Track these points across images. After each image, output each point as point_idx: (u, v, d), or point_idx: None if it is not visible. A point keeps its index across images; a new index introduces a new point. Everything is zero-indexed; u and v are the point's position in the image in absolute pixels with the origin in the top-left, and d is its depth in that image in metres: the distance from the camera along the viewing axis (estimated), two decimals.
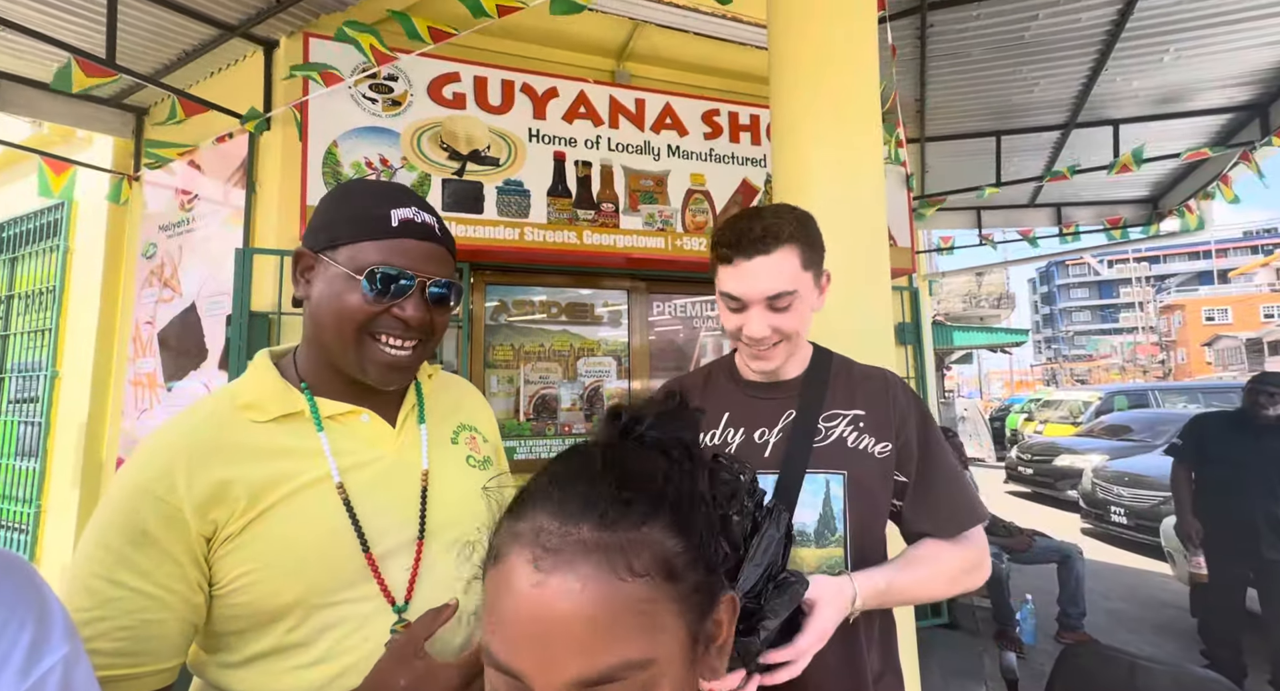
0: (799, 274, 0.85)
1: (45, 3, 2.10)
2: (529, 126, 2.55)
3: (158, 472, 0.64)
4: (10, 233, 3.48)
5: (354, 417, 0.74)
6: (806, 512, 0.86)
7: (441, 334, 0.79)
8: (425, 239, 0.73)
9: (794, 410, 0.91)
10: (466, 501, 0.77)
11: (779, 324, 0.86)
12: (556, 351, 2.80)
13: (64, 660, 0.43)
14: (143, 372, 2.64)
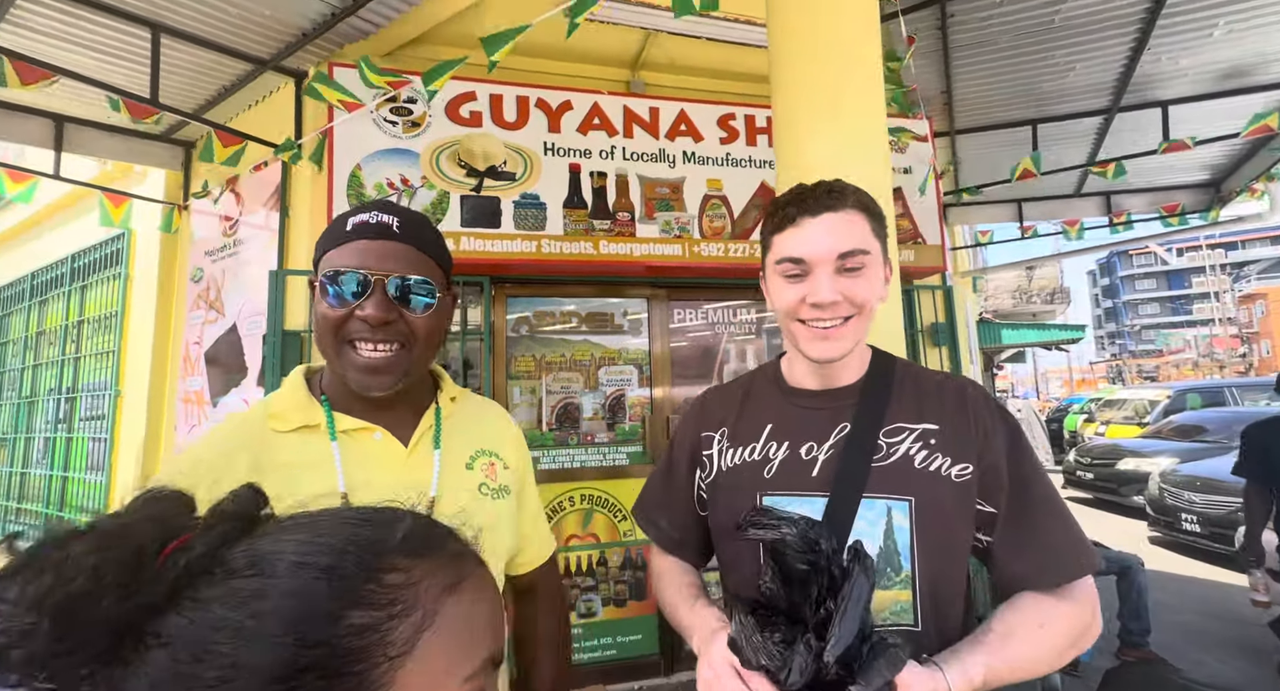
0: (870, 238, 0.75)
1: (97, 49, 2.27)
2: (544, 140, 2.59)
3: (187, 475, 0.67)
4: (81, 262, 3.77)
5: (367, 434, 0.75)
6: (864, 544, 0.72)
7: (429, 337, 0.75)
8: (379, 237, 0.72)
9: (848, 422, 0.77)
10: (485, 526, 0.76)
11: (850, 290, 0.73)
12: (578, 361, 2.82)
13: None
14: (191, 390, 2.80)
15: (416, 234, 0.74)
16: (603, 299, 2.88)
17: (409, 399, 0.79)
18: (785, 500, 0.76)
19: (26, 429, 4.10)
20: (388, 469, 0.74)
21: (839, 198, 0.75)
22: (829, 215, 0.74)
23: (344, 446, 0.73)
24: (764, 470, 0.79)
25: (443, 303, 0.77)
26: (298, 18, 2.24)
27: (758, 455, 0.80)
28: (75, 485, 3.51)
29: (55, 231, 4.03)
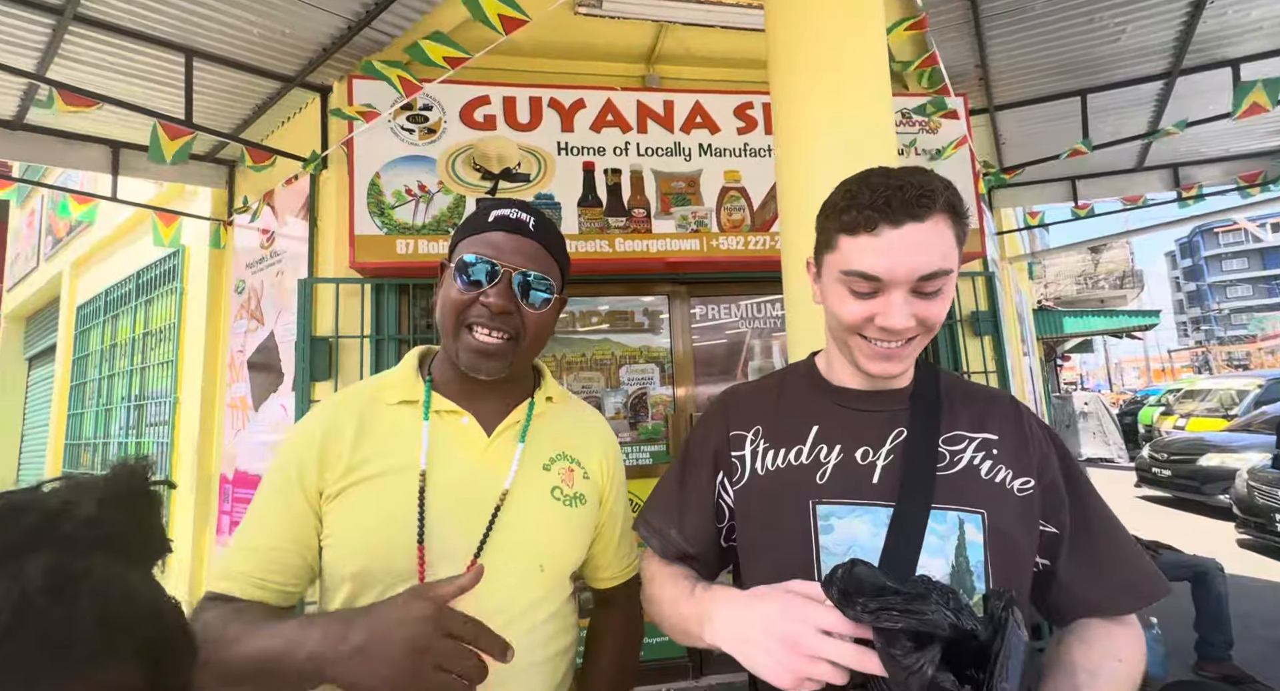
0: (953, 251, 0.65)
1: (141, 77, 2.43)
2: (557, 140, 2.59)
3: (305, 432, 0.77)
4: (144, 278, 4.06)
5: (455, 417, 0.79)
6: (936, 562, 0.65)
7: (537, 332, 0.79)
8: (515, 232, 0.77)
9: (905, 427, 0.71)
10: (536, 531, 0.76)
11: (926, 313, 0.65)
12: (598, 360, 2.81)
13: None
14: (236, 396, 2.96)
15: (545, 235, 0.79)
16: (622, 297, 2.86)
17: (504, 391, 0.82)
18: (842, 509, 0.69)
19: (106, 434, 4.46)
20: (466, 453, 0.77)
21: (929, 202, 0.63)
22: (914, 226, 0.63)
23: (433, 425, 0.77)
24: (816, 475, 0.71)
25: (555, 301, 0.80)
26: (316, 33, 2.32)
27: (806, 458, 0.72)
28: None
29: (124, 250, 4.36)
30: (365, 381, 0.85)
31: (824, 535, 0.68)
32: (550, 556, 0.78)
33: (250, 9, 2.10)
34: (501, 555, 0.73)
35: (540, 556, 0.77)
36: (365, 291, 2.49)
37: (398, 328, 2.54)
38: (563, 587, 0.81)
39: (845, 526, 0.68)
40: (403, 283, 2.53)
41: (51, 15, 1.94)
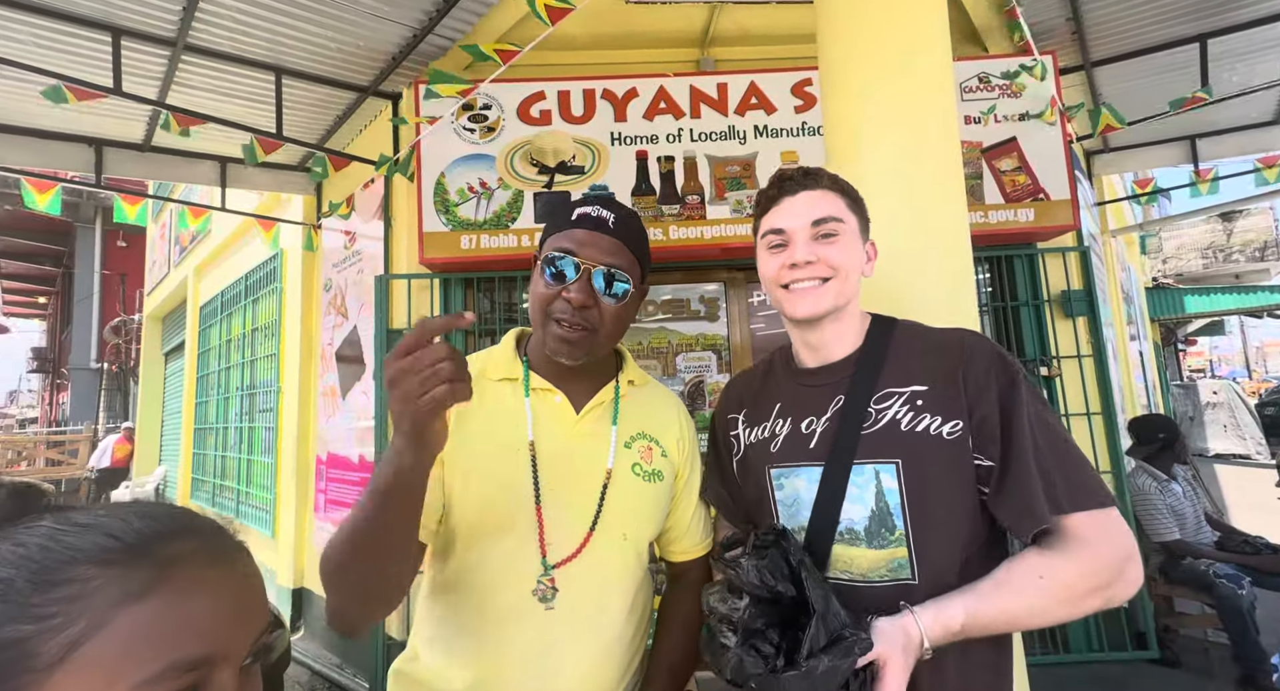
0: (846, 211, 0.83)
1: (240, 96, 2.69)
2: (611, 130, 2.61)
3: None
4: (251, 280, 4.53)
5: (550, 395, 0.87)
6: (856, 509, 0.77)
7: (615, 322, 0.84)
8: (596, 230, 0.82)
9: (844, 394, 0.81)
10: (622, 504, 0.85)
11: (825, 253, 0.80)
12: (654, 348, 2.83)
13: None
14: (327, 386, 3.24)
15: (625, 230, 0.84)
16: (678, 285, 2.86)
17: (590, 373, 0.89)
18: (788, 470, 0.83)
19: (224, 419, 5.03)
20: (560, 428, 0.86)
21: (814, 179, 0.84)
22: (805, 193, 0.83)
23: (533, 400, 0.87)
24: (771, 445, 0.85)
25: (634, 294, 0.86)
26: (386, 43, 2.47)
27: (767, 432, 0.86)
28: (256, 466, 4.24)
29: (234, 256, 4.88)
30: (471, 358, 0.89)
31: (777, 492, 0.84)
32: (631, 526, 0.86)
33: (328, 26, 2.28)
34: (604, 529, 0.83)
35: (624, 526, 0.86)
36: (434, 285, 2.64)
37: None
38: (641, 560, 0.88)
39: (790, 484, 0.82)
40: (467, 276, 2.66)
41: (167, 47, 2.19)
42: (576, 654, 0.80)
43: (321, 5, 2.14)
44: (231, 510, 4.47)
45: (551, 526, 0.81)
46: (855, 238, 0.83)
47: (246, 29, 2.21)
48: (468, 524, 0.81)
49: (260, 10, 2.12)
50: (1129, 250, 5.61)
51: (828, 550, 0.77)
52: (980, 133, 2.70)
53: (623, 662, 0.85)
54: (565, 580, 0.80)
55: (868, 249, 0.86)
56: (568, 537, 0.81)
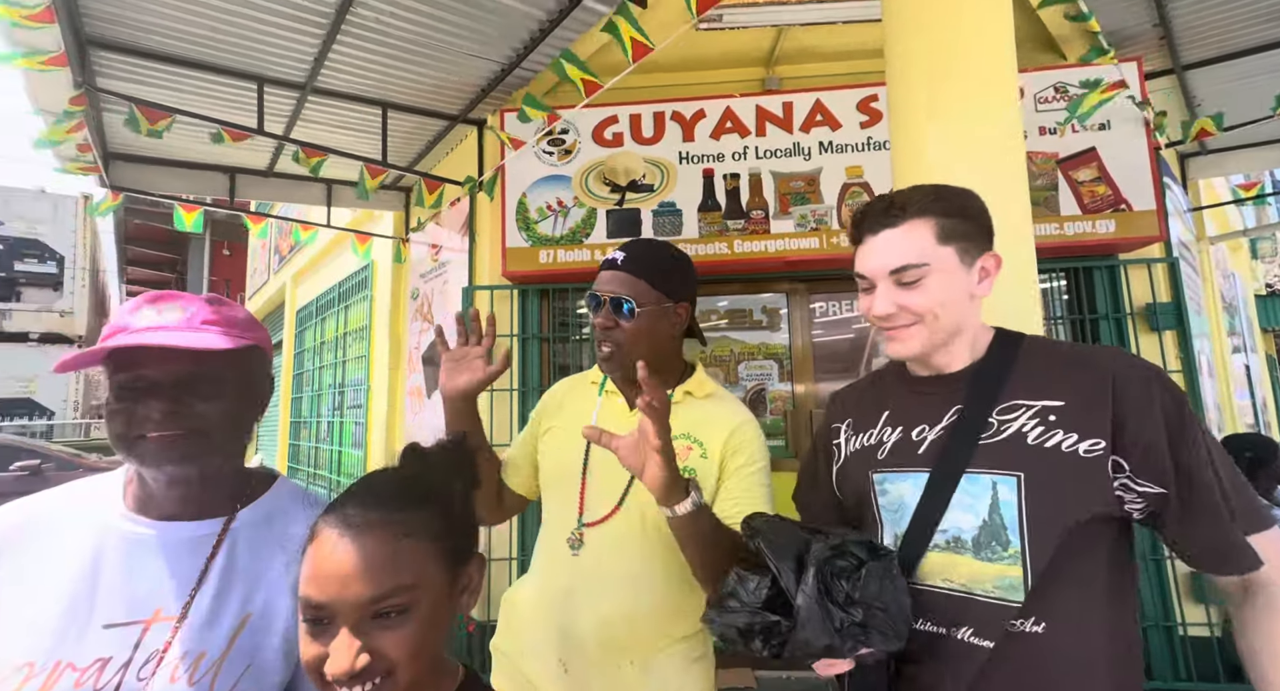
0: (932, 248, 0.78)
1: (349, 129, 3.03)
2: (679, 150, 2.76)
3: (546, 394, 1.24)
4: (343, 288, 4.97)
5: (614, 397, 1.13)
6: (966, 518, 0.75)
7: (635, 338, 1.04)
8: (608, 268, 1.08)
9: (961, 404, 0.80)
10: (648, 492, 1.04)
11: (906, 301, 0.78)
12: (717, 357, 2.93)
13: None
14: (413, 386, 3.55)
15: (633, 264, 1.06)
16: (741, 296, 2.95)
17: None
18: (893, 475, 0.83)
19: (318, 414, 5.53)
20: (615, 421, 1.07)
21: (898, 213, 0.80)
22: (887, 233, 0.80)
23: (603, 401, 1.13)
24: (877, 452, 0.86)
25: (648, 312, 1.04)
26: (476, 77, 2.72)
27: (873, 439, 0.87)
28: (346, 457, 4.65)
29: (328, 266, 5.37)
30: (580, 373, 1.25)
31: (880, 497, 0.83)
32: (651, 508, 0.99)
33: (428, 65, 2.54)
34: (628, 507, 1.03)
35: (643, 508, 1.03)
36: (514, 296, 2.87)
37: (539, 327, 2.88)
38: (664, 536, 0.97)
39: (895, 489, 0.82)
40: (543, 287, 2.86)
41: (297, 90, 2.53)
42: (593, 599, 1.02)
43: (425, 48, 2.40)
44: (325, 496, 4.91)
45: (591, 494, 1.06)
46: (947, 274, 0.78)
47: (362, 71, 2.51)
48: (545, 479, 1.14)
49: (375, 56, 2.41)
50: (1234, 256, 5.18)
51: (921, 555, 0.77)
52: (1056, 143, 2.65)
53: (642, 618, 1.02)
54: (592, 538, 1.04)
55: (982, 266, 0.81)
56: (600, 506, 1.05)
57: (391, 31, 2.26)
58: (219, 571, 0.72)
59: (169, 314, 0.72)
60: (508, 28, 2.39)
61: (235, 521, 0.76)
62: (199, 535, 0.74)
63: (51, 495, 0.75)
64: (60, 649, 0.65)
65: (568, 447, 1.10)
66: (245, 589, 0.73)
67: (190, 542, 0.73)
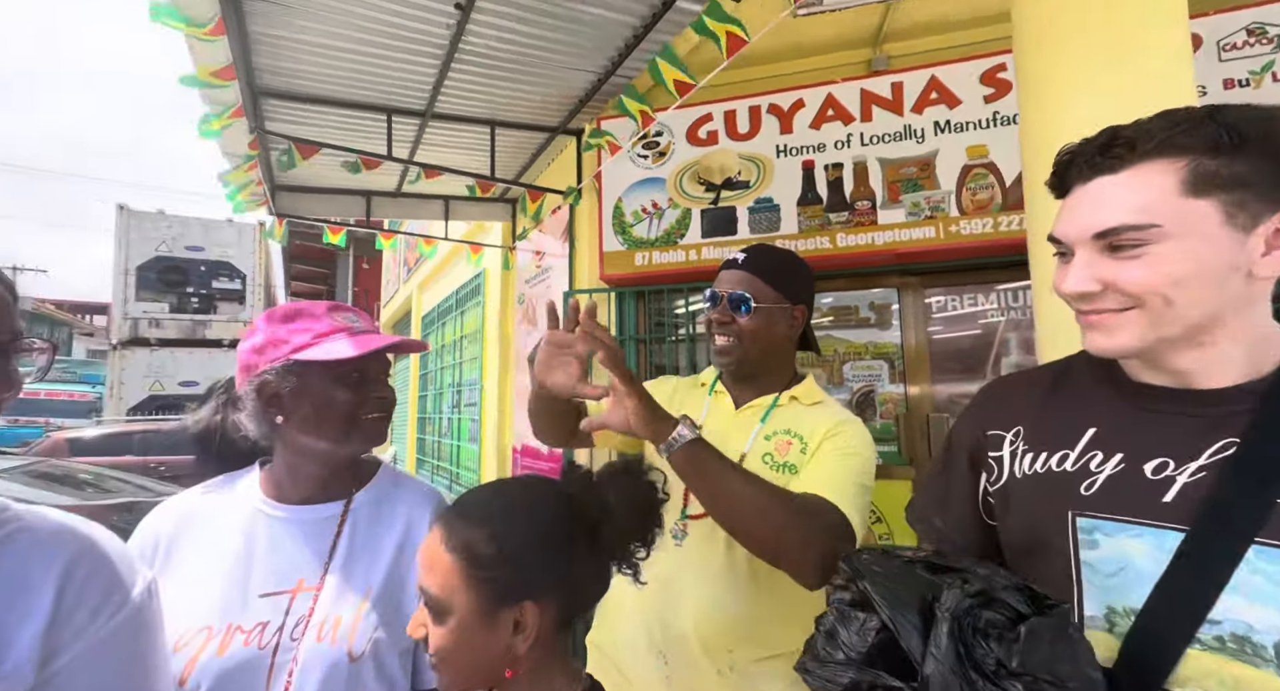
0: (1171, 202, 0.54)
1: (461, 148, 3.28)
2: (776, 143, 2.66)
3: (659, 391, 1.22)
4: (460, 295, 5.41)
5: (722, 396, 1.18)
6: (1255, 611, 0.51)
7: (753, 336, 1.08)
8: (728, 268, 1.13)
9: (1237, 438, 0.55)
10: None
11: (1115, 276, 0.56)
12: (820, 357, 2.79)
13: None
14: (521, 386, 3.76)
15: (753, 263, 1.11)
16: (843, 292, 2.79)
17: (757, 384, 1.14)
18: (1112, 526, 0.58)
19: (439, 411, 6.07)
20: (722, 418, 1.14)
21: (1122, 152, 0.56)
22: (1103, 179, 0.57)
23: (713, 398, 1.18)
24: (1080, 485, 0.62)
25: (765, 311, 1.08)
26: (575, 89, 2.83)
27: (1071, 465, 0.63)
28: (464, 451, 5.05)
29: (447, 275, 5.87)
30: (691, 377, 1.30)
31: (1086, 550, 0.59)
32: None
33: (531, 81, 2.69)
34: None
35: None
36: (611, 299, 2.94)
37: (636, 328, 2.93)
38: None
39: (1115, 545, 0.58)
40: (639, 289, 2.91)
41: (418, 117, 2.79)
42: (695, 589, 1.03)
43: (527, 67, 2.54)
44: (445, 487, 5.37)
45: None
46: (1194, 240, 0.54)
47: (473, 94, 2.72)
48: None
49: (483, 79, 2.60)
50: None
51: (1178, 655, 0.53)
52: (1247, 96, 2.20)
53: (744, 617, 1.00)
54: (696, 529, 1.05)
55: (1262, 236, 0.54)
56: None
57: (498, 54, 2.42)
58: (344, 547, 0.85)
59: (362, 320, 0.90)
60: (603, 38, 2.46)
61: (354, 503, 0.88)
62: (324, 516, 0.86)
63: (198, 490, 0.91)
64: (229, 614, 0.78)
65: None
66: (367, 562, 0.85)
67: (319, 523, 0.86)
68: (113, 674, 0.59)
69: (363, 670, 0.79)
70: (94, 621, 0.58)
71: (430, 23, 2.19)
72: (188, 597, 0.78)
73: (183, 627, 0.75)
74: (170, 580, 0.77)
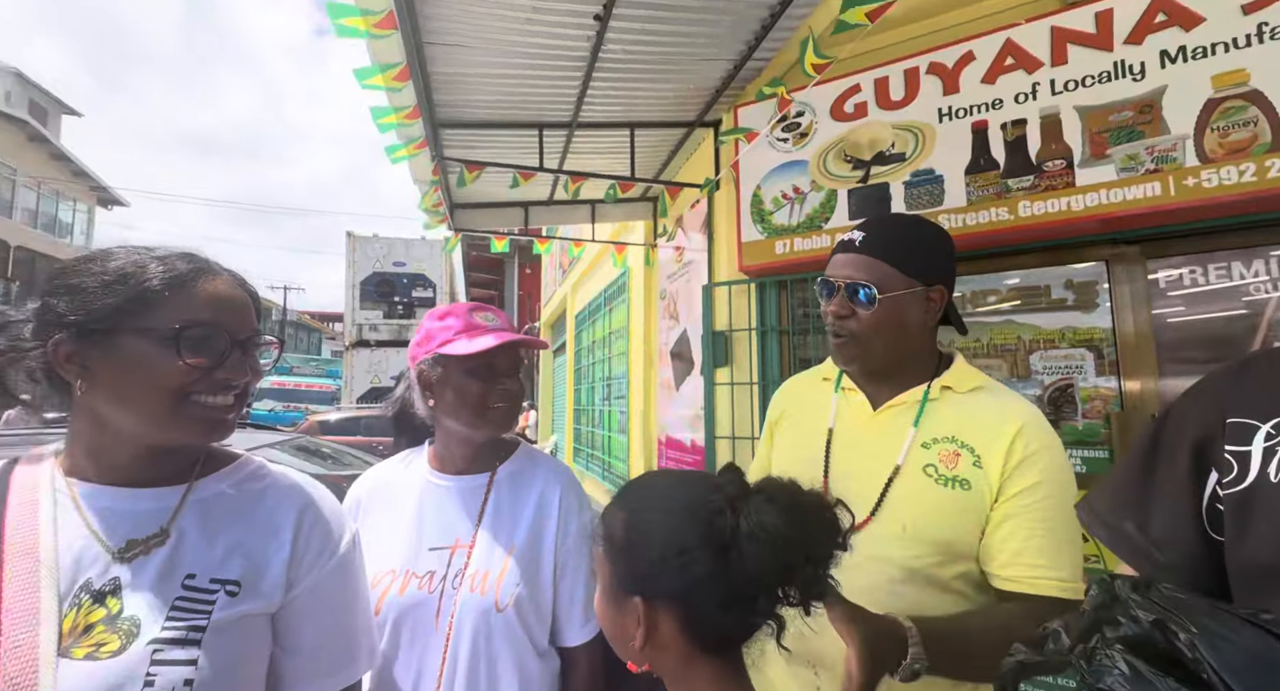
0: None
1: (606, 153, 3.44)
2: (938, 107, 2.35)
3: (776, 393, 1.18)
4: (607, 293, 5.69)
5: (854, 394, 1.02)
6: None
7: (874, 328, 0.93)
8: (843, 251, 0.97)
9: None
10: (914, 500, 0.88)
11: None
12: (998, 346, 2.41)
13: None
14: (664, 379, 3.84)
15: (873, 243, 0.95)
16: (1029, 270, 2.37)
17: (895, 376, 0.97)
18: None
19: (592, 403, 6.47)
20: (856, 421, 1.00)
21: None
22: None
23: (840, 398, 1.04)
24: None
25: (893, 299, 0.92)
26: (710, 80, 2.79)
27: None
28: (614, 441, 5.33)
29: (595, 275, 6.22)
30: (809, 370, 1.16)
31: None
32: (912, 520, 0.88)
33: (667, 78, 2.71)
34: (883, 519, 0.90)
35: (903, 519, 0.89)
36: (751, 290, 2.86)
37: (778, 320, 2.81)
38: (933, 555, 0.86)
39: None
40: (781, 279, 2.78)
41: (565, 129, 2.99)
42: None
43: (664, 64, 2.57)
44: (599, 475, 5.71)
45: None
46: None
47: (612, 100, 2.83)
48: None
49: (622, 83, 2.69)
50: None
51: None
52: None
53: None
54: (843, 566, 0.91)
55: None
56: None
57: (635, 57, 2.48)
58: (490, 511, 1.01)
59: (499, 318, 1.03)
60: (737, 23, 2.39)
61: (497, 475, 1.04)
62: (474, 485, 1.03)
63: (388, 462, 1.13)
64: (407, 562, 0.97)
65: (804, 448, 1.03)
66: (509, 526, 1.00)
67: (471, 490, 1.03)
68: (331, 603, 0.75)
69: (508, 619, 0.93)
70: (318, 560, 0.74)
71: (573, 38, 2.32)
72: (378, 546, 0.97)
73: (374, 570, 0.95)
74: (366, 533, 0.97)
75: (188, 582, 0.65)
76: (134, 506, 0.67)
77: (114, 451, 0.68)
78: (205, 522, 0.69)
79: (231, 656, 0.64)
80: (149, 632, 0.61)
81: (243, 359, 0.70)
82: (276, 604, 0.70)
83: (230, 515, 0.71)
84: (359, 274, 14.18)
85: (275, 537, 0.71)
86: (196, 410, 0.68)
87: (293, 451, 3.14)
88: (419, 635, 0.92)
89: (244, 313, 0.72)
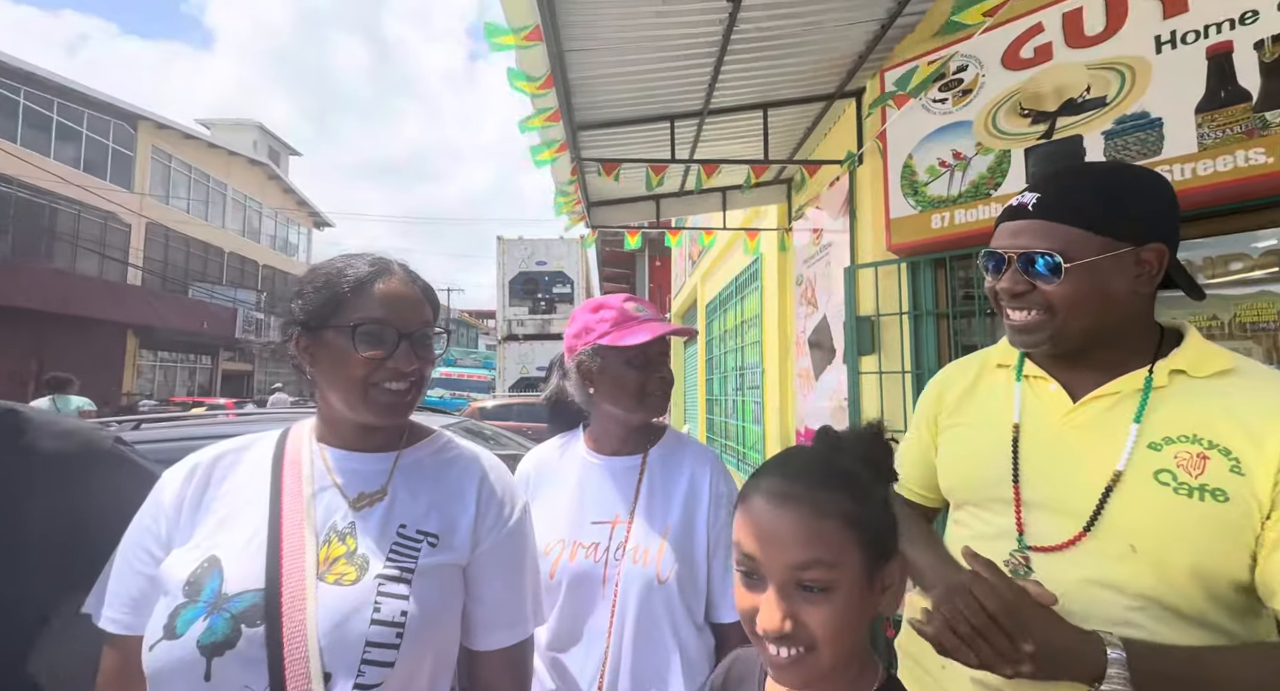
0: None
1: (738, 138, 3.34)
2: (1155, 34, 1.91)
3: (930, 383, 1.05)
4: (739, 281, 5.57)
5: (1044, 383, 0.85)
6: None
7: (1068, 305, 0.76)
8: (1012, 218, 0.81)
9: None
10: (1148, 514, 0.72)
11: None
12: (1249, 323, 1.92)
13: None
14: (802, 368, 3.66)
15: (1052, 205, 0.77)
16: None
17: (1099, 360, 0.80)
18: None
19: (724, 393, 6.41)
20: (1050, 416, 0.83)
21: None
22: None
23: (1025, 388, 0.87)
24: None
25: (1087, 267, 0.74)
26: (852, 47, 2.57)
27: None
28: (748, 431, 5.23)
29: (726, 263, 6.11)
30: (976, 353, 1.01)
31: None
32: (1146, 540, 0.73)
33: (805, 51, 2.55)
34: (1104, 535, 0.75)
35: (1134, 537, 0.74)
36: (901, 271, 2.60)
37: (935, 303, 2.52)
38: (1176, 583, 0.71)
39: None
40: (938, 257, 2.49)
41: (695, 118, 2.96)
42: None
43: (801, 37, 2.42)
44: (734, 465, 5.66)
45: (1031, 510, 0.81)
46: None
47: (745, 82, 2.73)
48: (949, 487, 0.96)
49: (756, 64, 2.59)
50: None
51: None
52: None
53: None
54: (1045, 566, 0.78)
55: None
56: (1051, 528, 0.79)
57: (770, 33, 2.37)
58: (645, 490, 1.09)
59: (649, 309, 1.11)
60: None
61: (649, 456, 1.13)
62: (629, 465, 1.12)
63: (549, 443, 1.25)
64: (574, 533, 1.08)
65: (984, 447, 0.87)
66: (663, 505, 1.08)
67: (626, 470, 1.12)
68: (510, 562, 0.86)
69: (668, 590, 1.01)
70: (496, 524, 0.85)
71: (704, 24, 2.27)
72: (548, 517, 1.09)
73: (546, 538, 1.06)
74: (535, 505, 1.09)
75: (401, 531, 0.78)
76: (362, 466, 0.82)
77: (340, 424, 0.83)
78: (411, 483, 0.83)
79: (434, 597, 0.75)
80: (375, 568, 0.74)
81: (410, 350, 0.81)
82: (465, 558, 0.82)
83: (428, 479, 0.84)
84: (508, 274, 15.70)
85: (461, 500, 0.84)
86: (379, 394, 0.79)
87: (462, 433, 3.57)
88: (588, 599, 1.03)
89: (415, 308, 0.83)
